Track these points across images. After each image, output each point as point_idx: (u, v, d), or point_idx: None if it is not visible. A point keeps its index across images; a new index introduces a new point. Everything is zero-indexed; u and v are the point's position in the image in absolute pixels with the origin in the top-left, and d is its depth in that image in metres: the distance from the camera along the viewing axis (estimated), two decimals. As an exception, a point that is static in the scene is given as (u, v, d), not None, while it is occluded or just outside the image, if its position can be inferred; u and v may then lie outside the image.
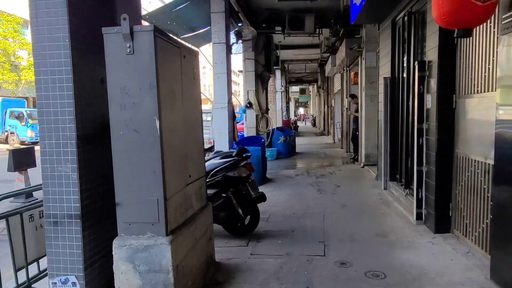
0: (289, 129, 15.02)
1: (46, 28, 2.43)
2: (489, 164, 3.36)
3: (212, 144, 10.12)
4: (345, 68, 12.11)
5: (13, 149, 8.15)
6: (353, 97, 10.47)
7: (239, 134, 13.14)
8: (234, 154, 4.43)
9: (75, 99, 2.47)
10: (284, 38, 11.87)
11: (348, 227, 4.65)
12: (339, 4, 9.16)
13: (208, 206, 3.56)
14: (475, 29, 3.49)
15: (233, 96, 13.94)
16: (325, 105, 21.93)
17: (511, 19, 2.79)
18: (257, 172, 7.47)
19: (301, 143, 15.95)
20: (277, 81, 19.84)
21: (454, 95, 4.04)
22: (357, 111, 9.99)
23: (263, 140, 8.67)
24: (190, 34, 10.42)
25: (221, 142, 7.59)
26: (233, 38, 8.40)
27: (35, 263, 3.02)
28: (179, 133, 2.91)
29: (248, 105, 11.33)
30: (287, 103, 31.45)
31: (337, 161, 10.70)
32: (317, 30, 10.48)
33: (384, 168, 6.46)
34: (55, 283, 2.57)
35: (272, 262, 3.68)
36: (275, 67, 15.57)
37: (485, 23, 3.36)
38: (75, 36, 2.47)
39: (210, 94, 26.10)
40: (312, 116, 38.66)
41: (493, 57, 3.32)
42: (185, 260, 2.79)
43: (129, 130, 2.49)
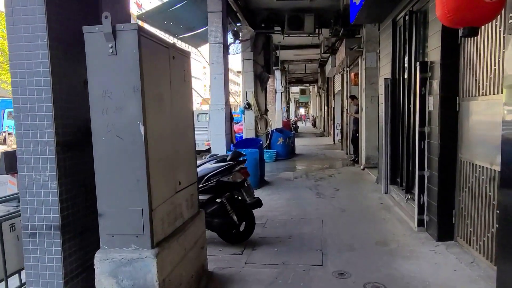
0: (288, 130, 14.86)
1: (23, 27, 2.27)
2: (495, 170, 3.20)
3: (210, 146, 9.96)
4: (345, 69, 11.94)
5: (5, 151, 7.99)
6: (353, 98, 10.30)
7: (238, 136, 13.02)
8: (228, 158, 4.27)
9: (54, 102, 2.32)
10: (283, 38, 11.70)
11: (347, 234, 4.48)
12: (339, 3, 9.00)
13: (200, 214, 3.40)
14: (480, 28, 3.33)
15: (233, 96, 13.82)
16: (325, 105, 21.77)
17: (519, 17, 2.63)
18: (255, 175, 7.32)
19: (301, 144, 15.79)
20: (277, 82, 19.66)
21: (457, 98, 3.88)
22: (357, 112, 9.83)
23: (261, 142, 8.52)
24: (188, 34, 10.26)
25: (218, 144, 7.43)
26: (230, 38, 8.25)
27: (16, 275, 2.87)
28: (168, 139, 2.75)
29: (247, 106, 11.17)
30: (287, 103, 31.31)
31: (336, 163, 10.54)
32: (317, 30, 10.31)
33: (384, 172, 6.29)
34: (34, 298, 2.41)
35: (267, 272, 3.52)
36: (274, 68, 15.42)
37: (490, 23, 3.21)
38: (54, 36, 2.31)
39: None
40: (312, 116, 38.48)
41: (499, 58, 3.16)
42: (173, 273, 2.63)
43: (112, 136, 2.33)
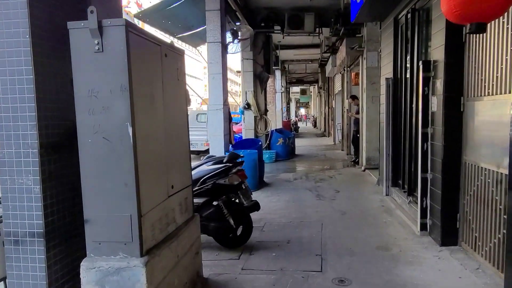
0: (288, 131, 14.73)
1: (4, 23, 2.15)
2: (502, 173, 3.07)
3: (209, 146, 9.83)
4: (345, 69, 11.81)
5: None
6: (354, 98, 10.17)
7: (238, 136, 12.89)
8: (225, 160, 4.14)
9: (37, 102, 2.19)
10: (283, 38, 11.58)
11: (348, 238, 4.35)
12: (340, 2, 8.87)
13: (195, 218, 3.27)
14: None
15: (233, 97, 13.69)
16: (325, 106, 21.63)
17: (529, 13, 2.50)
18: (254, 177, 7.20)
19: (301, 144, 15.66)
20: (277, 82, 19.53)
21: (462, 98, 3.75)
22: (358, 112, 9.69)
23: (260, 143, 8.40)
24: (187, 33, 10.14)
25: (216, 145, 7.30)
26: (229, 37, 8.12)
27: (2, 283, 2.74)
28: (159, 140, 2.62)
29: (246, 106, 11.05)
30: (288, 103, 31.18)
31: (337, 164, 10.40)
32: (317, 29, 10.19)
33: (386, 173, 6.16)
34: (16, 309, 2.29)
35: (264, 279, 3.39)
36: (274, 67, 15.28)
37: (496, 19, 3.07)
38: (38, 32, 2.19)
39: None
40: (313, 117, 38.34)
41: (506, 56, 3.03)
42: (164, 282, 2.50)
43: (98, 137, 2.20)
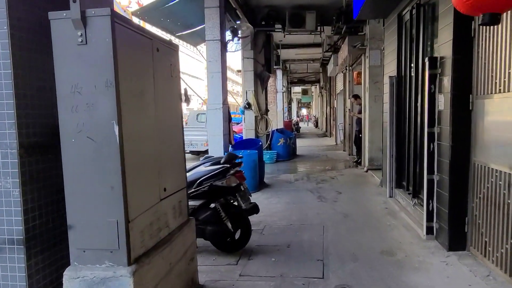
0: (289, 131, 14.55)
1: (-20, 13, 1.99)
2: (515, 175, 2.90)
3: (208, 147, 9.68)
4: (347, 68, 11.64)
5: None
6: (356, 97, 9.98)
7: (238, 136, 12.73)
8: (222, 161, 3.98)
9: (17, 99, 2.03)
10: (284, 37, 11.43)
11: (351, 242, 4.18)
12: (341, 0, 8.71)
13: (190, 222, 3.11)
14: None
15: (233, 97, 13.53)
16: (327, 106, 21.45)
17: (546, 3, 2.32)
18: (254, 178, 7.04)
19: (302, 145, 15.49)
20: (278, 82, 19.38)
21: (470, 95, 3.57)
22: (360, 112, 9.52)
23: (260, 143, 8.23)
24: (186, 32, 9.99)
25: (215, 145, 7.13)
26: (228, 36, 7.95)
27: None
28: (150, 140, 2.46)
29: (247, 106, 10.89)
30: (289, 104, 31.01)
31: (339, 165, 10.23)
32: (319, 27, 10.04)
33: (389, 174, 5.98)
34: (-5, 321, 2.13)
35: (263, 286, 3.22)
36: (275, 67, 15.12)
37: (508, 12, 2.90)
38: (17, 23, 2.03)
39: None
40: (314, 117, 38.15)
41: (519, 50, 2.86)
42: (155, 291, 2.34)
43: (82, 137, 2.04)
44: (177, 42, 11.09)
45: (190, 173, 4.05)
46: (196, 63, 38.97)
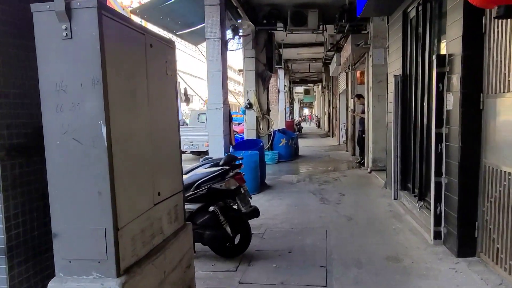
0: (291, 131, 14.39)
1: (-43, 5, 1.85)
2: (530, 178, 2.73)
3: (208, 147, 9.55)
4: (350, 67, 11.47)
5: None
6: (359, 97, 9.82)
7: (239, 136, 12.59)
8: (221, 163, 3.82)
9: (-3, 98, 1.89)
10: (286, 35, 11.30)
11: (355, 247, 4.02)
12: (344, -3, 8.56)
13: (187, 228, 2.96)
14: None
15: (235, 96, 13.39)
16: (329, 105, 21.29)
17: None
18: (255, 179, 6.90)
19: (304, 145, 15.33)
20: (280, 81, 19.23)
21: (481, 94, 3.41)
22: (363, 112, 9.35)
23: (262, 144, 8.08)
24: (186, 31, 9.87)
25: (215, 146, 6.99)
26: (229, 34, 7.81)
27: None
28: (143, 142, 2.31)
29: (248, 106, 10.75)
30: (291, 103, 30.86)
31: (342, 166, 10.06)
32: (321, 26, 9.89)
33: (394, 176, 5.82)
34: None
35: (263, 294, 3.08)
36: (277, 66, 14.97)
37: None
38: (0, 17, 1.89)
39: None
40: (316, 117, 37.98)
41: (535, 46, 2.70)
42: (147, 303, 2.19)
43: (68, 138, 1.89)
44: (178, 41, 10.87)
45: (188, 175, 3.91)
46: (198, 62, 38.81)
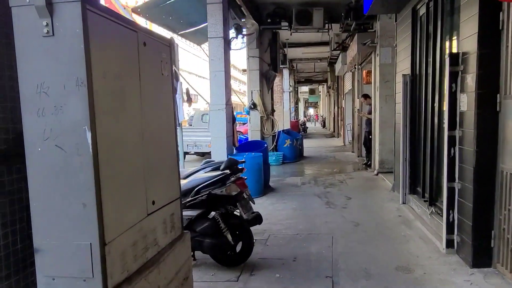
0: (296, 131, 14.18)
1: None
2: (554, 186, 2.53)
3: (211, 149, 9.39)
4: (356, 66, 11.24)
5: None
6: (366, 97, 9.60)
7: (244, 137, 12.42)
8: (222, 167, 3.65)
9: (-26, 101, 1.73)
10: (291, 35, 11.10)
11: (362, 256, 3.83)
12: (351, -5, 8.36)
13: (184, 237, 2.79)
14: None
15: (238, 96, 13.21)
16: (335, 105, 21.05)
17: None
18: (258, 181, 6.72)
19: (309, 145, 15.13)
20: (284, 81, 19.02)
21: (498, 95, 3.20)
22: (370, 112, 9.13)
23: (266, 145, 7.90)
24: (189, 30, 9.70)
25: (218, 147, 6.81)
26: (232, 33, 7.64)
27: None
28: (135, 148, 2.15)
29: (252, 106, 10.57)
30: (296, 103, 30.63)
31: (347, 167, 9.85)
32: (326, 25, 9.69)
33: (402, 179, 5.61)
34: None
35: (265, 308, 2.90)
36: (282, 66, 14.80)
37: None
38: (-25, 12, 1.73)
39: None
40: (322, 117, 37.71)
41: (559, 43, 2.49)
42: (139, 323, 2.02)
43: (50, 145, 1.73)
44: (181, 41, 10.67)
45: (187, 180, 3.74)
46: (204, 63, 38.77)
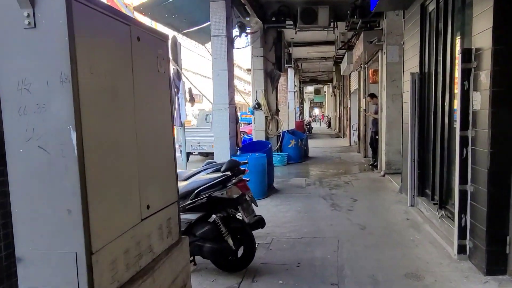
0: (301, 132, 14.01)
1: None
2: None
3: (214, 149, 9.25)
4: (362, 65, 11.07)
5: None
6: (372, 96, 9.41)
7: (248, 138, 12.28)
8: (223, 169, 3.51)
9: (-49, 98, 1.61)
10: (296, 33, 10.94)
11: (369, 261, 3.67)
12: (357, -8, 8.18)
13: (182, 243, 2.65)
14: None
15: (242, 95, 13.08)
16: (340, 105, 20.84)
17: None
18: (262, 182, 6.58)
19: (314, 146, 14.95)
20: (289, 81, 18.87)
21: (514, 93, 3.04)
22: (376, 112, 8.95)
23: (270, 146, 7.75)
24: (193, 29, 9.58)
25: (221, 148, 6.68)
26: (236, 32, 7.50)
27: None
28: (127, 149, 2.01)
29: (257, 106, 10.42)
30: (301, 103, 30.46)
31: (353, 168, 9.67)
32: (332, 23, 9.51)
33: (410, 181, 5.44)
34: None
35: (267, 317, 2.76)
36: (287, 65, 14.63)
37: None
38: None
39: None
40: (327, 117, 37.48)
41: None
42: (130, 336, 1.89)
43: (32, 146, 1.60)
44: (186, 41, 10.56)
45: (187, 182, 3.61)
46: (208, 62, 38.66)
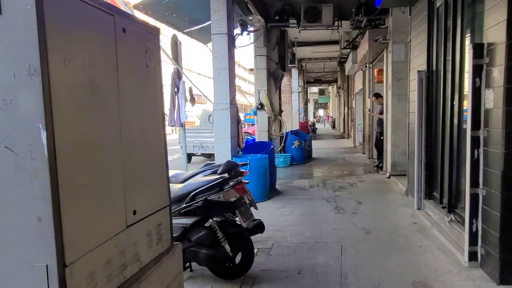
0: (304, 132, 13.82)
1: None
2: None
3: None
4: (367, 65, 10.85)
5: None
6: (378, 96, 9.20)
7: (251, 138, 12.11)
8: (219, 171, 3.33)
9: None
10: (299, 32, 10.78)
11: (375, 269, 3.48)
12: (361, -10, 7.99)
13: (174, 250, 2.48)
14: None
15: (245, 96, 12.91)
16: (345, 106, 20.62)
17: None
18: (264, 184, 6.41)
19: (318, 147, 14.76)
20: (293, 81, 18.68)
21: (530, 90, 2.84)
22: (381, 112, 8.74)
23: (272, 147, 7.57)
24: (194, 28, 9.44)
25: (222, 149, 6.51)
26: (238, 30, 7.34)
27: None
28: (110, 150, 1.84)
29: (259, 106, 10.26)
30: (306, 104, 30.25)
31: (358, 169, 9.46)
32: (336, 22, 9.33)
33: (417, 183, 5.23)
34: None
35: (265, 330, 2.58)
36: (291, 65, 14.44)
37: None
38: None
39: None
40: (331, 117, 37.24)
41: None
42: None
43: (-1, 147, 1.45)
44: (186, 40, 10.39)
45: (184, 184, 3.45)
46: (209, 61, 38.48)
